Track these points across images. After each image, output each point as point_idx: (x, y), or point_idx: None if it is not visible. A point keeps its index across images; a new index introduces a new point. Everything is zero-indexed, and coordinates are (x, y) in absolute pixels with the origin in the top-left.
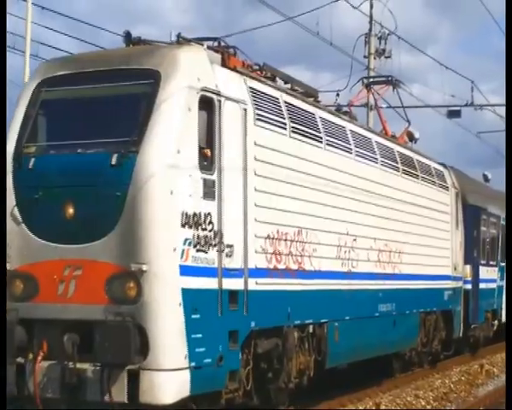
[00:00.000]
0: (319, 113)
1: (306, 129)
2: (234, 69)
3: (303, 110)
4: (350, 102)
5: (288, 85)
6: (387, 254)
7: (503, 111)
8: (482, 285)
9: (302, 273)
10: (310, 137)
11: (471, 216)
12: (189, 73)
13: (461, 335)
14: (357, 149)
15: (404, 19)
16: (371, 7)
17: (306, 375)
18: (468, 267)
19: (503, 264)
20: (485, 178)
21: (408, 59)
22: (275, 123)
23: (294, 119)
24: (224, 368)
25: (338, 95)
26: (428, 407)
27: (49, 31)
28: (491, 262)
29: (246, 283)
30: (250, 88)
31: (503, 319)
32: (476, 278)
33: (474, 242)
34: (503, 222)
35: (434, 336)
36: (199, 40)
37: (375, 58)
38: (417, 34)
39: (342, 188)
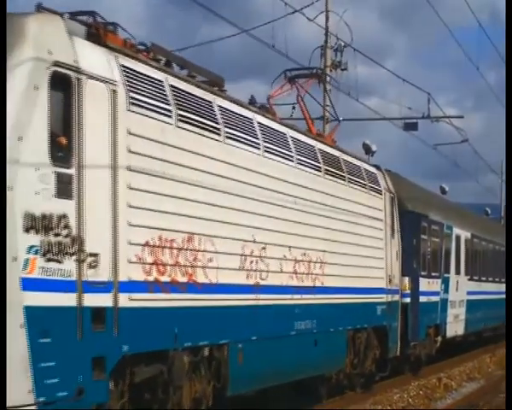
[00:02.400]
0: (218, 101)
1: (199, 118)
2: (104, 45)
3: (196, 97)
4: (269, 96)
5: (185, 71)
6: (306, 264)
7: (459, 123)
8: (423, 299)
9: (194, 287)
10: (204, 128)
11: (410, 223)
12: (37, 44)
13: (398, 353)
14: (267, 145)
15: (361, 31)
16: (327, 19)
17: (204, 404)
18: (406, 279)
19: (448, 275)
20: (443, 191)
21: (365, 71)
22: (156, 109)
23: (183, 106)
24: (85, 402)
25: (294, 108)
26: None
27: None
28: (434, 273)
29: (115, 299)
30: (123, 67)
31: (449, 334)
32: (416, 291)
33: (413, 251)
34: (446, 230)
35: (366, 355)
36: (72, 14)
37: (331, 70)
38: (375, 47)
39: (247, 188)
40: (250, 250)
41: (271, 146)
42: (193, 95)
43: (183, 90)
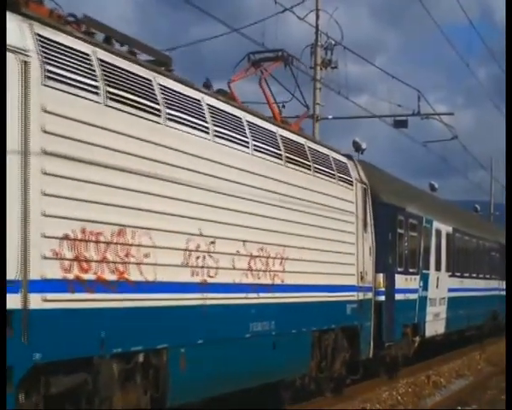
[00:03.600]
0: (160, 80)
1: (134, 97)
2: (19, 13)
3: (131, 74)
4: (230, 80)
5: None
6: (264, 260)
7: (449, 120)
8: (399, 296)
9: (126, 286)
10: (141, 109)
11: (385, 217)
12: None
13: (371, 355)
14: (218, 129)
15: (352, 29)
16: (317, 18)
17: None
18: (380, 276)
19: (427, 271)
20: (432, 188)
21: (356, 69)
22: (80, 85)
23: (114, 83)
24: None
25: (284, 106)
26: None
27: None
28: (411, 270)
29: (25, 299)
30: (39, 36)
31: (428, 333)
32: (391, 289)
33: (388, 247)
34: (426, 224)
35: (335, 358)
36: None
37: (321, 69)
38: (365, 44)
39: (193, 176)
40: (196, 245)
41: (223, 130)
42: (128, 71)
43: (116, 66)
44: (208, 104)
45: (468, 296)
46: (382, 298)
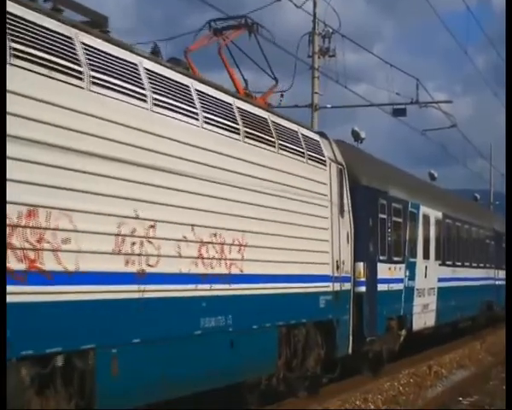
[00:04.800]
0: (84, 39)
1: (50, 57)
2: None
3: (45, 29)
4: (187, 49)
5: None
6: (218, 247)
7: (447, 108)
8: (382, 287)
9: (38, 277)
10: (58, 70)
11: (365, 201)
12: None
13: (350, 351)
14: (158, 97)
15: (350, 17)
16: (314, 5)
17: None
18: (360, 265)
19: (414, 260)
20: (432, 177)
21: (354, 58)
22: None
23: (21, 39)
24: None
25: (282, 95)
26: None
27: None
28: (396, 258)
29: None
30: None
31: (416, 326)
32: (373, 279)
33: (369, 233)
34: (412, 209)
35: (306, 355)
36: None
37: (319, 57)
38: (363, 33)
39: (126, 151)
40: (131, 229)
41: (164, 99)
42: (40, 26)
43: (24, 20)
44: (147, 69)
45: (461, 286)
46: (363, 289)
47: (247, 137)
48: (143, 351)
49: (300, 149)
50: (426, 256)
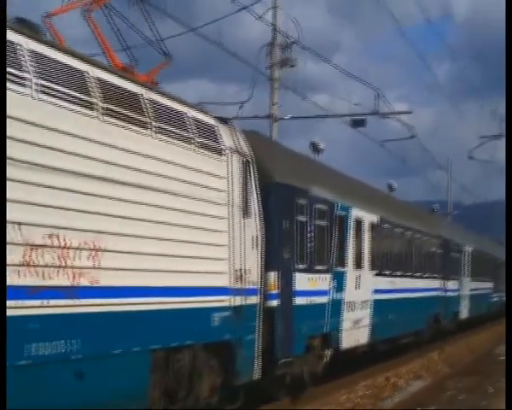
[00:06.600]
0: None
1: None
2: None
3: None
4: (48, 14)
5: None
6: (56, 252)
7: (408, 119)
8: (300, 300)
9: None
10: None
11: (279, 200)
12: None
13: (257, 376)
14: None
15: (310, 28)
16: (274, 16)
17: None
18: (272, 275)
19: (342, 269)
20: (390, 188)
21: (315, 68)
22: None
23: None
24: None
25: (241, 107)
26: None
27: None
28: (319, 267)
29: None
30: None
31: (345, 344)
32: (288, 291)
33: (284, 238)
34: (340, 212)
35: (195, 384)
36: None
37: (279, 68)
38: (324, 43)
39: None
40: None
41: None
42: None
43: None
44: None
45: (402, 299)
46: (275, 303)
47: (106, 114)
48: None
49: (186, 135)
50: (358, 265)
